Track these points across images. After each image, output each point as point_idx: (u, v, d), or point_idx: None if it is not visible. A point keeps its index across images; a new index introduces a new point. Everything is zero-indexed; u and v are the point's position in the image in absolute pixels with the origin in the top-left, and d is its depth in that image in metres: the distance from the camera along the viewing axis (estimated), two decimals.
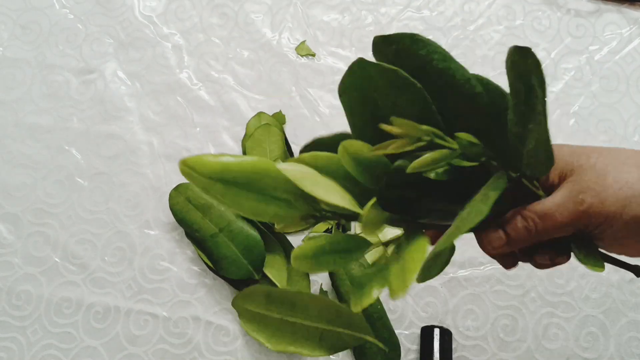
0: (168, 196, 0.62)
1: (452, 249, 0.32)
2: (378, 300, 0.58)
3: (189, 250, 0.62)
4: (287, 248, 0.60)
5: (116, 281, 0.62)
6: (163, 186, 0.64)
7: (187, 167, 0.28)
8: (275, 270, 0.59)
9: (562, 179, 0.33)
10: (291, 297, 0.57)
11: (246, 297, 0.57)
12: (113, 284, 0.62)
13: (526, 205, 0.33)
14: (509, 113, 0.30)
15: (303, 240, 0.61)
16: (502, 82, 0.33)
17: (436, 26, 0.70)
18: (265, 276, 0.59)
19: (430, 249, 0.29)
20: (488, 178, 0.30)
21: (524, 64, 0.27)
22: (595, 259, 0.33)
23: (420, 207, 0.32)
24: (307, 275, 0.60)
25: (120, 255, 0.62)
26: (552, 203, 0.32)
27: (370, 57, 0.75)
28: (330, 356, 0.58)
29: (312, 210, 0.30)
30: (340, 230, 0.62)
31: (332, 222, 0.62)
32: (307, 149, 0.32)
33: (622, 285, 0.60)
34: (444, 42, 0.69)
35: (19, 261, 0.62)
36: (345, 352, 0.59)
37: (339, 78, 0.73)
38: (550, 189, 0.33)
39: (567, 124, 0.66)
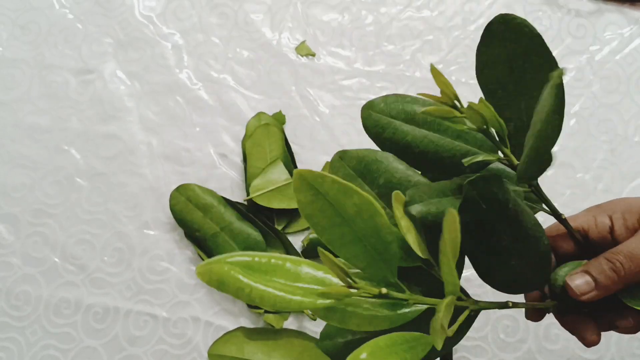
0: (167, 196, 0.62)
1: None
2: None
3: (189, 250, 0.62)
4: (288, 247, 0.60)
5: (115, 282, 0.61)
6: (162, 186, 0.64)
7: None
8: None
9: None
10: (271, 339, 0.57)
11: (222, 344, 0.57)
12: (112, 284, 0.61)
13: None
14: None
15: (303, 241, 0.61)
16: None
17: (436, 26, 0.70)
18: None
19: None
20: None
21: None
22: None
23: None
24: None
25: (119, 255, 0.62)
26: (638, 244, 0.31)
27: (370, 56, 0.74)
28: None
29: None
30: None
31: None
32: None
33: None
34: (445, 42, 0.69)
35: (18, 261, 0.62)
36: None
37: (339, 78, 0.73)
38: (626, 235, 0.33)
39: (567, 124, 0.65)
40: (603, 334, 0.58)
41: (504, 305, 0.33)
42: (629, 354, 0.58)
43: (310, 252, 0.60)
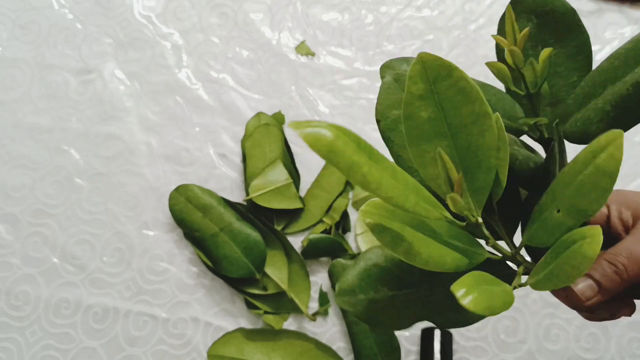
0: (167, 197, 0.62)
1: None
2: None
3: (188, 251, 0.62)
4: (287, 247, 0.60)
5: (115, 282, 0.61)
6: (162, 187, 0.64)
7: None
8: (275, 269, 0.59)
9: (637, 219, 0.32)
10: (271, 340, 0.56)
11: (221, 345, 0.57)
12: (112, 284, 0.61)
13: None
14: None
15: (302, 241, 0.61)
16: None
17: (437, 25, 0.69)
18: (266, 275, 0.59)
19: None
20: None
21: None
22: None
23: None
24: (307, 275, 0.60)
25: (119, 256, 0.62)
26: (637, 243, 0.31)
27: (370, 55, 0.74)
28: None
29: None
30: (340, 231, 0.62)
31: (330, 223, 0.62)
32: None
33: None
34: (445, 42, 0.69)
35: (18, 262, 0.62)
36: (345, 353, 0.59)
37: (338, 77, 0.73)
38: (620, 233, 0.33)
39: None
40: (603, 334, 0.58)
41: None
42: (629, 354, 0.58)
43: (309, 252, 0.60)
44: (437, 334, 0.57)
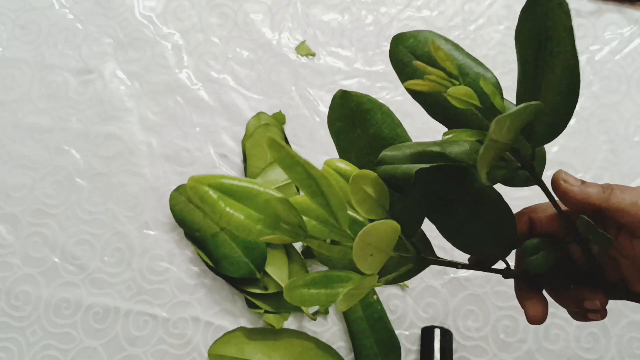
0: (167, 196, 0.62)
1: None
2: (378, 300, 0.58)
3: (188, 250, 0.62)
4: (288, 246, 0.60)
5: (115, 282, 0.61)
6: (162, 186, 0.64)
7: (194, 180, 0.30)
8: (276, 269, 0.59)
9: None
10: (271, 339, 0.58)
11: (222, 345, 0.58)
12: (112, 284, 0.61)
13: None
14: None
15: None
16: (505, 81, 0.33)
17: (436, 26, 0.69)
18: (266, 274, 0.59)
19: None
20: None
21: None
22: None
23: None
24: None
25: (119, 255, 0.62)
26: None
27: (370, 56, 0.75)
28: None
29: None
30: None
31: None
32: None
33: None
34: None
35: (18, 262, 0.62)
36: (346, 352, 0.59)
37: (338, 78, 0.73)
38: None
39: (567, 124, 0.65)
40: (603, 333, 0.58)
41: (452, 264, 0.35)
42: (629, 354, 0.58)
43: (310, 251, 0.60)
44: (437, 333, 0.57)
